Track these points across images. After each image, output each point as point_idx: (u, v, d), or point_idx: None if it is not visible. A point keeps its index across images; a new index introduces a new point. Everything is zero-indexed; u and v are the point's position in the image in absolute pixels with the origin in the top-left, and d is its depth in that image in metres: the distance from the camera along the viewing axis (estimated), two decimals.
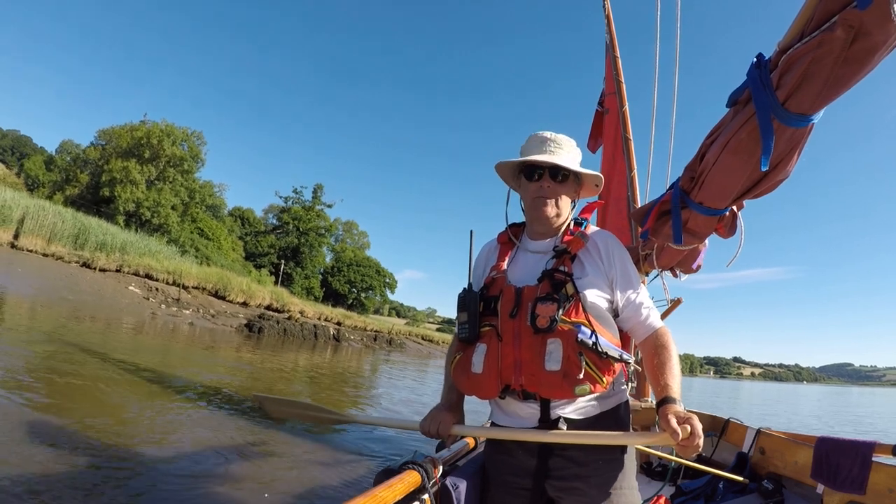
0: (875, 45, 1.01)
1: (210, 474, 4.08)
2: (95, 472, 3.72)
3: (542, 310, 1.34)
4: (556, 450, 1.40)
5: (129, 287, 23.07)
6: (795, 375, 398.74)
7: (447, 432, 1.50)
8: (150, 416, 5.57)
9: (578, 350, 1.30)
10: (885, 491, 2.20)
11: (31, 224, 22.25)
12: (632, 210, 4.08)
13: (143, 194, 36.08)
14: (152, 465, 4.02)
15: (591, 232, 1.55)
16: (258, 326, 23.00)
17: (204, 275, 27.35)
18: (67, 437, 4.34)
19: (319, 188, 56.81)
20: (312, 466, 4.78)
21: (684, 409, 1.27)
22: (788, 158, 1.36)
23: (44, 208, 23.27)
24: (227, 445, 4.94)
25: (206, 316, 23.28)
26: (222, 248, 42.64)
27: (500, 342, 1.40)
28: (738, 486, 2.93)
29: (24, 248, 22.03)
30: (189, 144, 39.54)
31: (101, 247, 24.41)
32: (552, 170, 1.52)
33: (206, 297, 26.51)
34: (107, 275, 23.33)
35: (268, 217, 59.36)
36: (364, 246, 67.35)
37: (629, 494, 1.39)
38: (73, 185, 37.73)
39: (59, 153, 46.71)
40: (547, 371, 1.32)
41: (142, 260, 25.24)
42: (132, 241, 26.79)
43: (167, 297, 23.97)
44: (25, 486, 3.29)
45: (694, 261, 2.46)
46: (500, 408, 1.51)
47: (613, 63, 4.55)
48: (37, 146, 67.17)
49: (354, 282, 58.79)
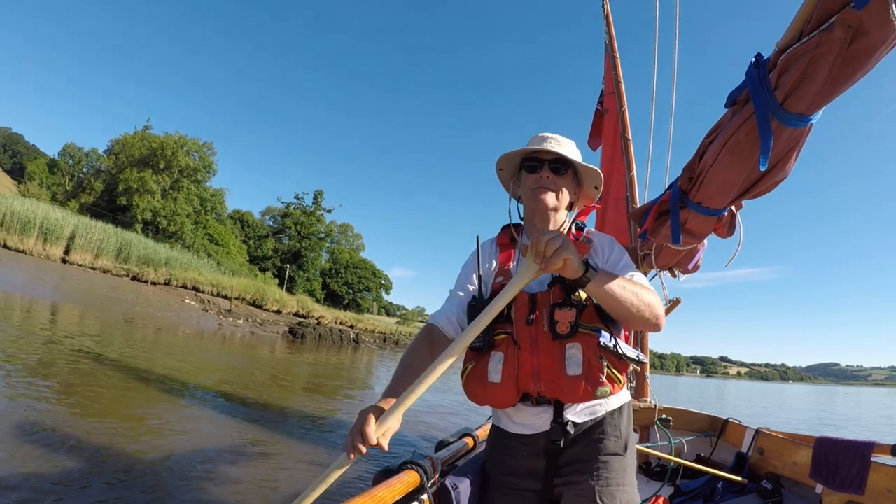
0: (873, 45, 1.01)
1: (209, 474, 4.08)
2: (122, 466, 3.82)
3: (562, 315, 1.33)
4: (562, 448, 1.39)
5: (185, 300, 25.43)
6: (781, 375, 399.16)
7: (372, 434, 1.07)
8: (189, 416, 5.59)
9: (599, 354, 1.30)
10: (884, 491, 2.20)
11: (81, 241, 24.14)
12: (631, 210, 4.08)
13: (160, 203, 38.56)
14: (154, 464, 4.03)
15: (592, 235, 1.55)
16: (300, 333, 26.22)
17: (242, 286, 30.01)
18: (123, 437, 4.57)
19: (320, 194, 59.32)
20: (311, 466, 4.78)
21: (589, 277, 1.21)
22: (787, 158, 1.36)
23: (91, 226, 25.19)
24: (225, 446, 4.94)
25: (255, 324, 25.94)
26: (231, 253, 44.65)
27: (517, 350, 1.38)
28: (736, 487, 2.93)
29: (74, 262, 23.83)
30: (201, 155, 42.16)
31: (147, 261, 26.51)
32: (552, 162, 1.51)
33: (247, 306, 29.08)
34: (160, 288, 25.65)
35: (265, 219, 61.05)
36: (359, 248, 69.67)
37: (629, 491, 1.38)
38: (87, 192, 39.91)
39: (61, 156, 47.59)
40: (569, 376, 1.31)
41: (187, 273, 27.56)
42: (175, 256, 29.25)
43: (219, 308, 26.40)
44: (42, 478, 3.40)
45: (692, 261, 2.46)
46: (507, 415, 1.48)
47: (612, 63, 4.55)
48: (29, 144, 67.22)
49: (351, 283, 61.39)
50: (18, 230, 21.95)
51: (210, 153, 42.92)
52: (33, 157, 55.72)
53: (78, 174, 44.86)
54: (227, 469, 4.32)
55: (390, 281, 68.79)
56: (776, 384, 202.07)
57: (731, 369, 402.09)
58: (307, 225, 56.80)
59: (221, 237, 44.86)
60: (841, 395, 61.48)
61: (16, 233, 21.91)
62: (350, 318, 39.04)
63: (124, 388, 6.82)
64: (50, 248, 23.22)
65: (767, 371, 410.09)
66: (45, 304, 14.84)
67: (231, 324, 23.86)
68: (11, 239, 21.80)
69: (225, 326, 22.58)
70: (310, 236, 56.82)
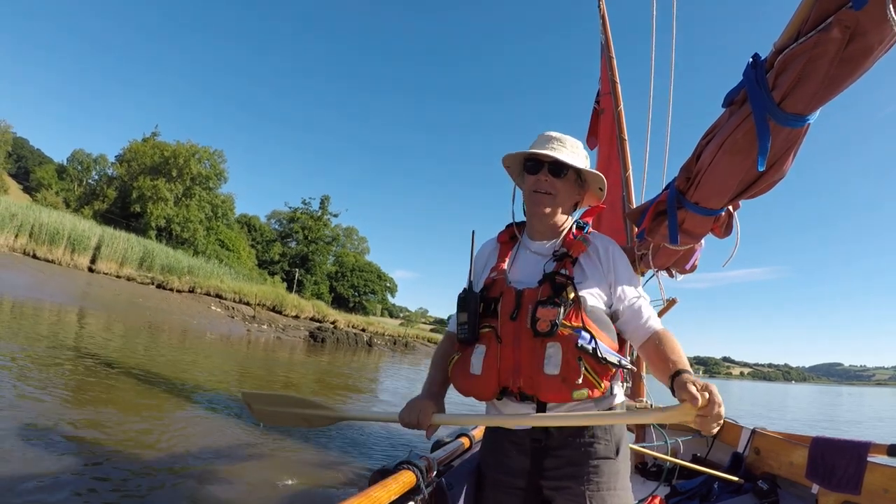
0: (871, 45, 1.01)
1: (208, 475, 4.06)
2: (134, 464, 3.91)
3: (543, 313, 1.33)
4: (551, 450, 1.40)
5: (211, 307, 26.46)
6: (784, 375, 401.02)
7: (428, 421, 1.44)
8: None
9: (578, 355, 1.29)
10: (880, 491, 2.21)
11: (107, 250, 25.25)
12: (627, 210, 4.08)
13: (173, 210, 39.92)
14: (153, 465, 4.01)
15: (592, 236, 1.55)
16: (321, 337, 28.07)
17: (262, 293, 31.09)
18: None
19: (326, 199, 60.70)
20: (308, 466, 4.77)
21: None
22: (784, 158, 1.36)
23: (115, 236, 26.34)
24: (224, 445, 4.93)
25: (278, 329, 27.14)
26: (241, 258, 45.70)
27: (499, 344, 1.39)
28: (733, 487, 2.94)
29: (100, 271, 24.88)
30: (212, 163, 43.58)
31: (170, 269, 27.48)
32: (552, 164, 1.52)
33: (268, 312, 30.03)
34: (185, 295, 26.57)
35: (271, 223, 61.82)
36: (364, 251, 70.84)
37: (622, 496, 1.38)
38: (100, 199, 41.10)
39: (70, 162, 48.27)
40: (546, 374, 1.32)
41: (210, 281, 28.64)
42: (198, 264, 30.52)
43: (244, 314, 27.46)
44: (43, 477, 3.42)
45: (689, 261, 2.45)
46: (496, 409, 1.51)
47: (609, 63, 4.55)
48: (33, 148, 67.11)
49: (357, 286, 62.75)
50: (47, 241, 23.09)
51: (220, 161, 44.50)
52: (38, 162, 56.04)
53: (87, 180, 45.95)
54: (237, 468, 4.32)
55: (395, 284, 70.50)
56: (779, 384, 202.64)
57: (734, 370, 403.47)
58: (314, 229, 58.05)
59: (232, 242, 46.00)
60: (844, 395, 61.64)
61: (44, 243, 23.05)
62: (361, 322, 40.66)
63: (165, 391, 7.02)
64: (77, 258, 24.37)
65: (770, 371, 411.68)
66: (98, 315, 16.18)
67: (258, 329, 25.42)
68: (41, 249, 22.95)
69: (253, 332, 24.18)
70: (317, 240, 58.00)
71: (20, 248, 22.26)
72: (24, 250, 22.38)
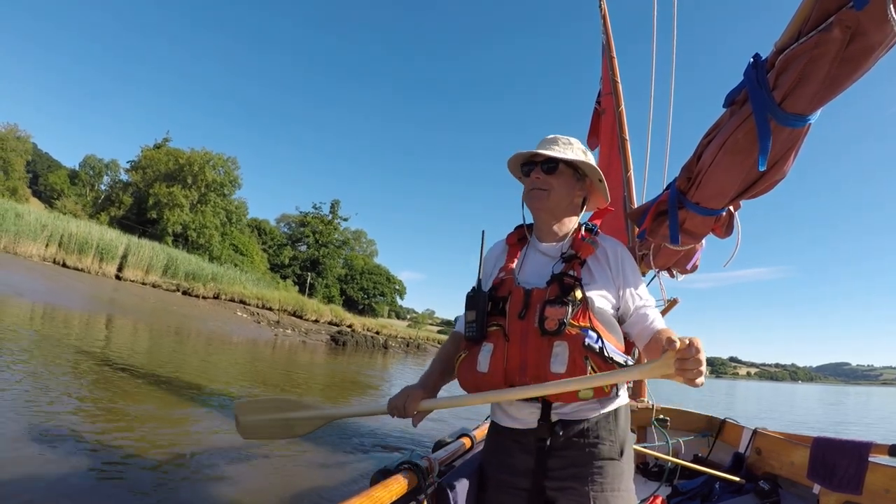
0: (872, 45, 1.01)
1: (208, 475, 4.07)
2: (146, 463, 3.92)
3: (551, 312, 1.34)
4: (555, 450, 1.40)
5: (237, 313, 27.20)
6: (791, 375, 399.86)
7: (415, 408, 1.46)
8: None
9: (584, 354, 1.30)
10: (882, 491, 2.20)
11: (133, 259, 26.04)
12: (628, 210, 4.08)
13: (189, 217, 40.82)
14: (158, 465, 4.03)
15: (601, 238, 1.56)
16: (342, 340, 29.27)
17: (284, 298, 32.01)
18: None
19: (337, 203, 61.57)
20: (309, 466, 4.77)
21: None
22: (785, 158, 1.36)
23: (140, 244, 27.10)
24: (227, 446, 4.93)
25: (300, 334, 27.84)
26: (254, 262, 46.36)
27: (506, 343, 1.40)
28: (734, 487, 2.94)
29: (127, 279, 25.58)
30: (226, 169, 44.53)
31: (194, 276, 28.21)
32: (544, 162, 1.54)
33: (289, 317, 30.74)
34: (210, 302, 27.36)
35: (280, 227, 62.33)
36: (372, 254, 71.49)
37: (626, 497, 1.38)
38: (116, 206, 41.97)
39: (82, 168, 48.72)
40: (552, 373, 1.32)
41: (234, 287, 29.47)
42: (221, 271, 31.29)
43: (268, 320, 28.20)
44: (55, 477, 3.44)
45: (690, 261, 2.46)
46: (500, 408, 1.51)
47: (609, 63, 4.54)
48: (41, 151, 67.35)
49: (367, 289, 63.69)
50: (76, 250, 23.95)
51: (234, 167, 45.46)
52: (46, 166, 56.15)
53: (99, 185, 46.81)
54: (237, 468, 4.32)
55: (404, 286, 71.36)
56: (786, 384, 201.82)
57: (741, 370, 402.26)
58: (325, 233, 58.70)
59: (245, 247, 46.65)
60: (852, 395, 61.51)
61: (73, 252, 23.89)
62: (375, 325, 41.72)
63: (182, 392, 7.03)
64: (105, 266, 25.18)
65: (777, 371, 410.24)
66: (126, 321, 16.71)
67: (283, 334, 26.24)
68: (70, 258, 23.78)
69: (280, 336, 25.14)
70: (328, 244, 58.66)
71: (50, 258, 23.13)
72: (55, 259, 23.26)
